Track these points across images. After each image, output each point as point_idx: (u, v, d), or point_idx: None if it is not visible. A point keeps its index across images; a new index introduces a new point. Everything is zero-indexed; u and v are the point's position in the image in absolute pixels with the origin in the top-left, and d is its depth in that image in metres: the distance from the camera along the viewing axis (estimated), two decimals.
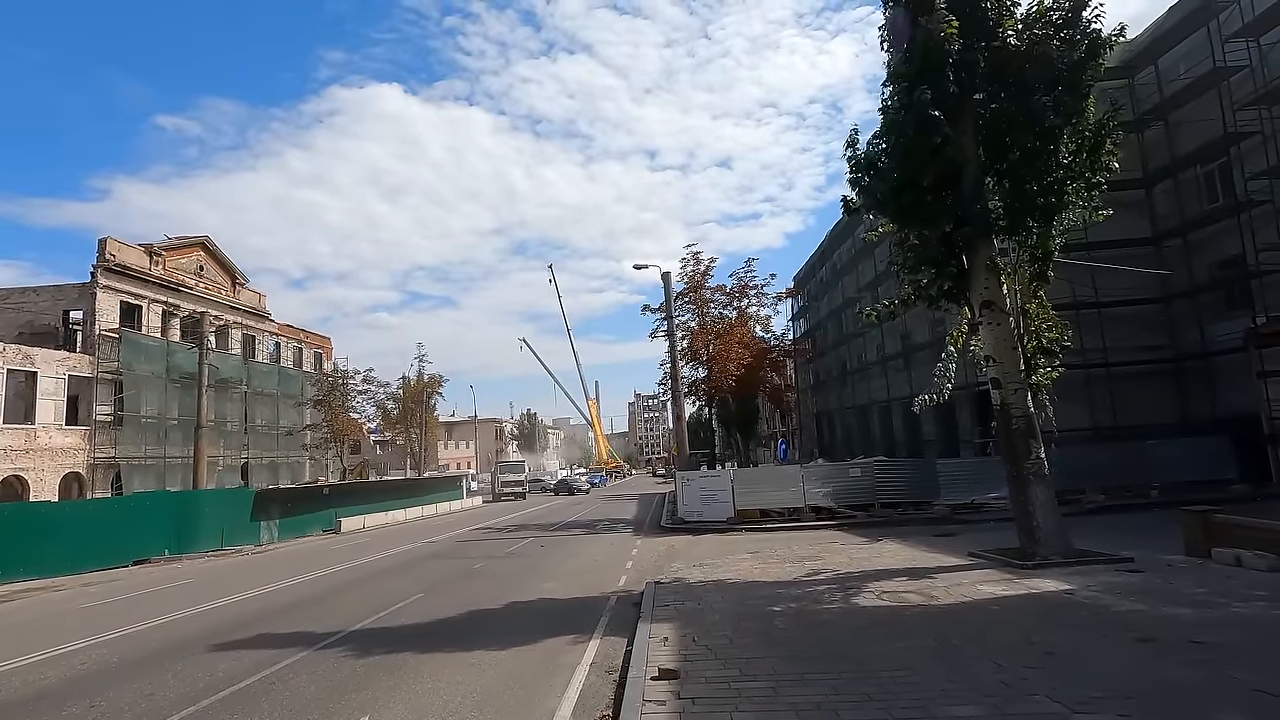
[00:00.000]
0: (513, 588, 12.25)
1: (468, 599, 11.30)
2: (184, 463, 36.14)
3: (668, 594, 10.05)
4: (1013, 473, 11.12)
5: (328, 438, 41.69)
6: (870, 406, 38.93)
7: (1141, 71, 24.13)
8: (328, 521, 30.65)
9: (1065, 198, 10.53)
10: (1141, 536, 12.73)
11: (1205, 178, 23.04)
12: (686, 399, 32.38)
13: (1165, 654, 6.02)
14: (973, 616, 7.73)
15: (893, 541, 14.74)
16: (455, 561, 16.76)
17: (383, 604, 11.26)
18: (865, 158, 11.46)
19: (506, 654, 7.73)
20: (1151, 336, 23.81)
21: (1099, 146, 10.46)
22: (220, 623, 10.73)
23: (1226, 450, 20.88)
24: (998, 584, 9.47)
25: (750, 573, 11.73)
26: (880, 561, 12.18)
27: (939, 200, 10.80)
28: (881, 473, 21.08)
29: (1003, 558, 11.08)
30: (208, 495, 25.06)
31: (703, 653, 6.82)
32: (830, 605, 8.73)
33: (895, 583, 10.02)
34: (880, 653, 6.48)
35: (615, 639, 8.05)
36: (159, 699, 6.80)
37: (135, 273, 35.94)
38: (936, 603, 8.54)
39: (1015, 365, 11.08)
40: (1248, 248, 19.94)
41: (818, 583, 10.40)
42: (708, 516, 21.36)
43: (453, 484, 49.97)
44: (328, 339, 56.24)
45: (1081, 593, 8.56)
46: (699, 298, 29.76)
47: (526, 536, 22.13)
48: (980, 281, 11.19)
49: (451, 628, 9.31)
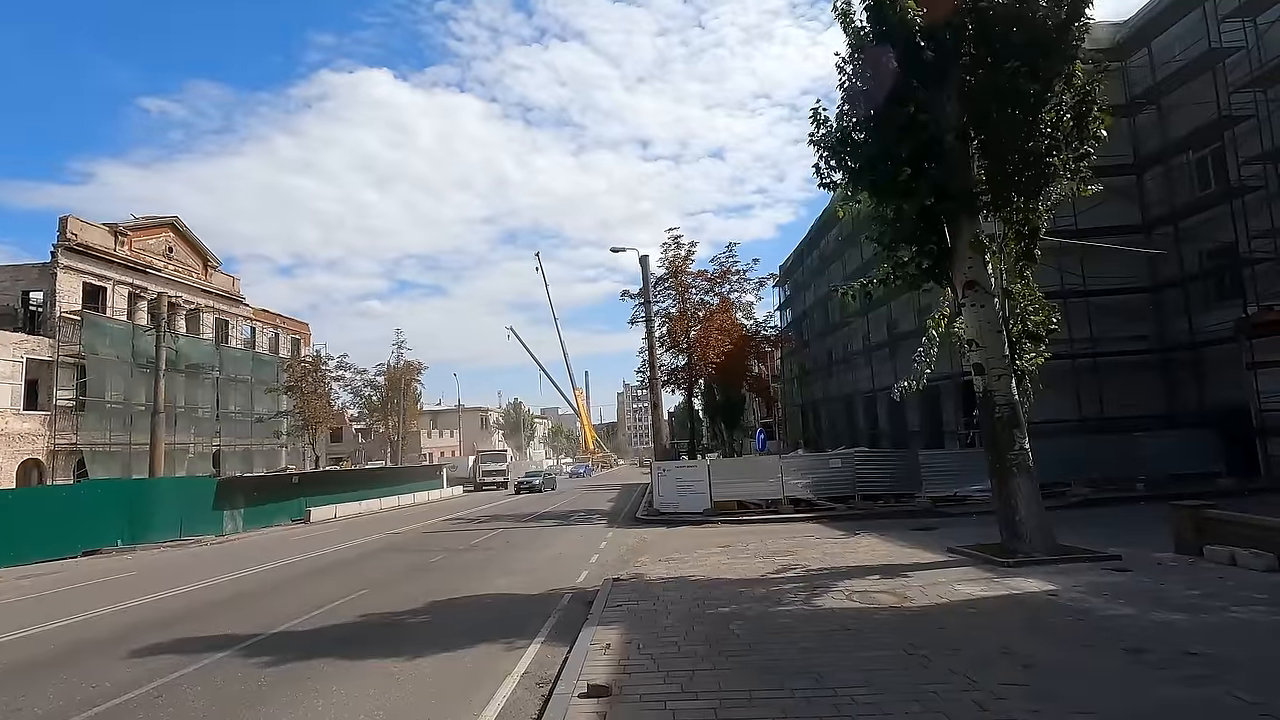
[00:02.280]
0: (465, 584, 11.49)
1: (413, 596, 10.54)
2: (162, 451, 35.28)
3: (624, 593, 9.33)
4: (995, 464, 10.45)
5: (300, 425, 40.60)
6: (855, 397, 38.41)
7: (1135, 55, 23.44)
8: (297, 511, 29.76)
9: (1050, 170, 9.81)
10: (1129, 532, 12.14)
11: (1198, 164, 22.43)
12: (666, 388, 31.62)
13: (1158, 668, 5.34)
14: (947, 621, 7.05)
15: (870, 535, 14.09)
16: (413, 555, 15.98)
17: (321, 601, 10.48)
18: (838, 131, 10.72)
19: (433, 661, 6.98)
20: (1139, 326, 23.28)
21: (1085, 114, 9.73)
22: (142, 621, 9.92)
23: (1214, 443, 20.42)
24: (976, 583, 8.80)
25: (717, 569, 11.03)
26: (855, 557, 11.51)
27: (919, 173, 10.05)
28: (862, 464, 20.45)
29: (983, 554, 10.43)
30: (166, 484, 24.09)
31: (645, 663, 6.08)
32: (794, 607, 8.02)
33: (867, 581, 9.33)
34: (842, 664, 5.77)
35: (557, 644, 7.31)
36: (25, 715, 6.00)
37: (99, 253, 34.69)
38: (909, 605, 7.86)
39: (1000, 350, 10.38)
40: (1240, 235, 19.37)
41: (785, 581, 9.70)
42: (684, 508, 20.69)
43: (432, 473, 49.13)
44: (305, 324, 55.04)
45: (1065, 594, 7.90)
46: (679, 283, 28.91)
47: (496, 528, 21.38)
48: (964, 260, 10.46)
49: (384, 630, 8.54)
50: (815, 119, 10.92)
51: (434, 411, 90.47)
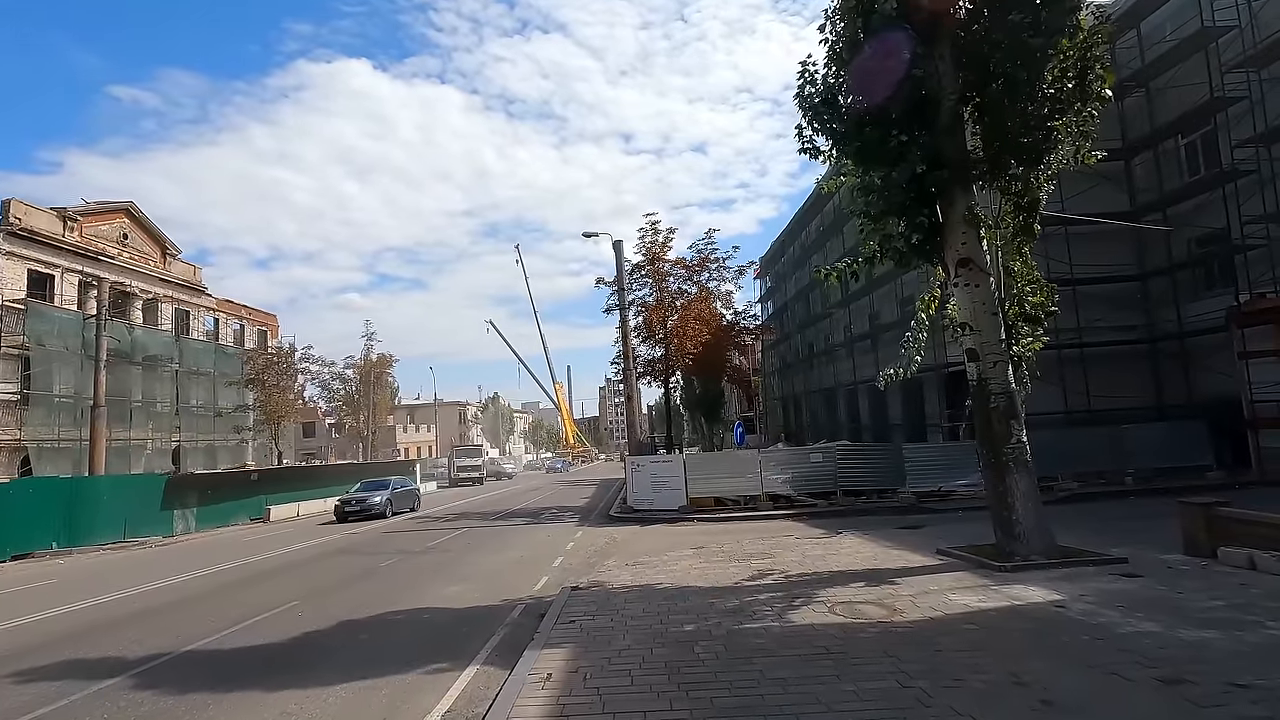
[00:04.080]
0: (410, 593, 10.40)
1: (348, 608, 9.44)
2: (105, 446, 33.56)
3: (582, 605, 8.31)
4: (990, 458, 9.55)
5: (260, 420, 39.05)
6: (836, 390, 37.64)
7: (1124, 36, 22.72)
8: (257, 509, 28.40)
9: (1053, 134, 8.90)
10: (1127, 530, 11.36)
11: (1187, 148, 21.79)
12: (643, 380, 30.57)
13: (1205, 705, 4.43)
14: (944, 640, 6.11)
15: (853, 535, 13.20)
16: (364, 558, 14.83)
17: (246, 614, 9.35)
18: (823, 90, 9.74)
19: (343, 694, 5.92)
20: (1127, 315, 22.63)
21: (1086, 70, 8.82)
22: (34, 640, 8.74)
23: (1203, 435, 19.80)
24: (972, 592, 7.90)
25: (687, 574, 10.05)
26: (837, 560, 10.58)
27: (910, 138, 9.09)
28: (844, 458, 19.57)
29: (976, 557, 9.55)
30: (108, 482, 22.64)
31: (588, 702, 5.07)
32: (770, 623, 7.05)
33: (852, 589, 8.39)
34: (823, 700, 4.80)
35: (495, 670, 6.27)
36: None
37: (46, 239, 32.88)
38: (899, 619, 6.92)
39: (996, 334, 9.47)
40: (1232, 220, 18.73)
41: (761, 589, 8.73)
42: (658, 505, 19.70)
43: (405, 469, 47.69)
44: (273, 316, 53.23)
45: (1074, 605, 7.01)
46: (657, 271, 27.81)
47: (461, 527, 20.25)
48: (957, 235, 9.52)
49: (302, 651, 7.45)
50: (803, 74, 9.91)
51: (411, 406, 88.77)
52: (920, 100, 9.15)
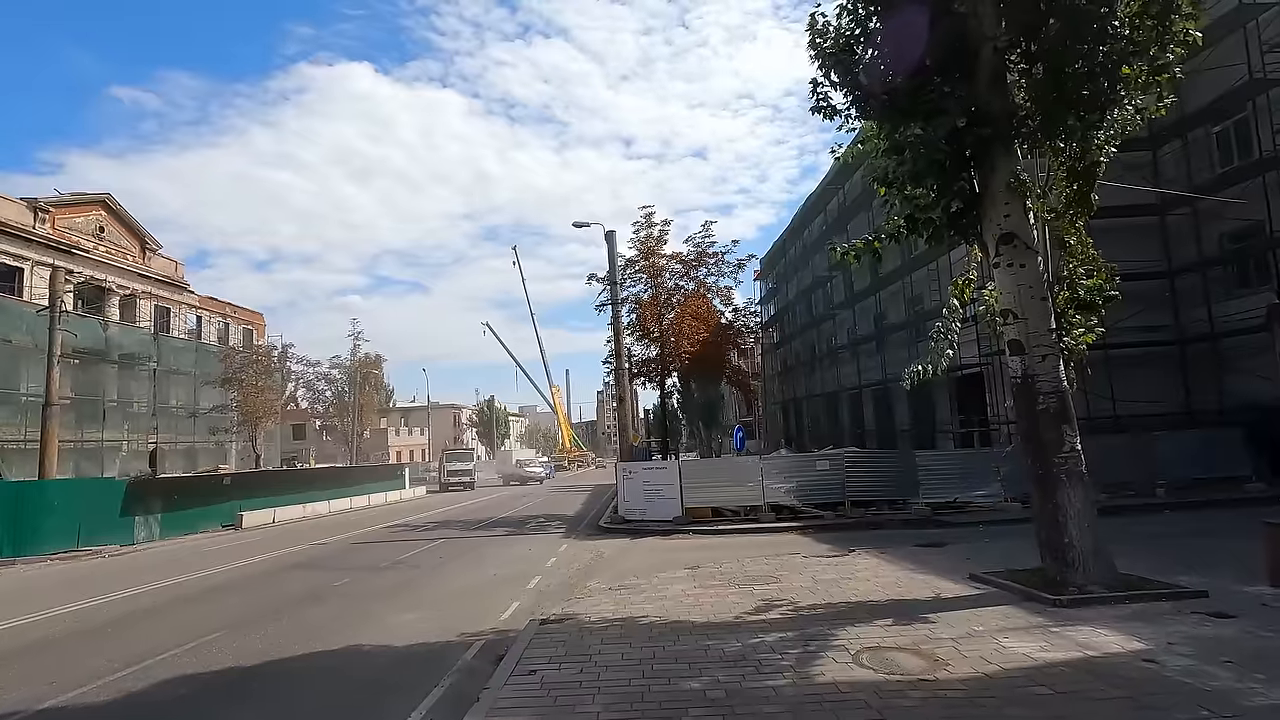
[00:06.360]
0: (349, 625, 8.86)
1: (273, 644, 7.92)
2: (76, 447, 31.92)
3: (548, 646, 6.81)
4: (1038, 470, 8.07)
5: (239, 421, 37.50)
6: (840, 394, 36.14)
7: None
8: (228, 516, 26.77)
9: (1121, 84, 7.44)
10: (1182, 551, 9.89)
11: (1219, 137, 20.42)
12: (637, 381, 29.05)
13: None
14: (1013, 715, 4.61)
15: (868, 553, 11.69)
16: (320, 574, 13.28)
17: (153, 649, 7.83)
18: (839, 38, 8.30)
19: None
20: (1154, 316, 21.15)
21: (1167, 10, 7.36)
22: None
23: (1239, 444, 18.36)
24: (1029, 635, 6.41)
25: (680, 603, 8.54)
26: (855, 586, 9.08)
27: (951, 88, 7.64)
28: (853, 466, 18.03)
29: (1022, 586, 8.06)
30: (59, 486, 21.05)
31: None
32: (782, 680, 5.55)
33: (879, 629, 6.90)
34: None
35: None
36: None
37: (14, 230, 31.43)
38: (946, 675, 5.43)
39: (1045, 322, 7.99)
40: (1273, 212, 17.33)
41: (768, 627, 7.23)
42: (652, 515, 18.20)
43: (392, 473, 46.11)
44: (259, 315, 51.75)
45: (1168, 660, 5.51)
46: (652, 265, 26.30)
47: (437, 538, 18.71)
48: (999, 207, 8.06)
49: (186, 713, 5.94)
50: (812, 27, 8.49)
51: (404, 409, 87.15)
52: (958, 44, 7.71)
